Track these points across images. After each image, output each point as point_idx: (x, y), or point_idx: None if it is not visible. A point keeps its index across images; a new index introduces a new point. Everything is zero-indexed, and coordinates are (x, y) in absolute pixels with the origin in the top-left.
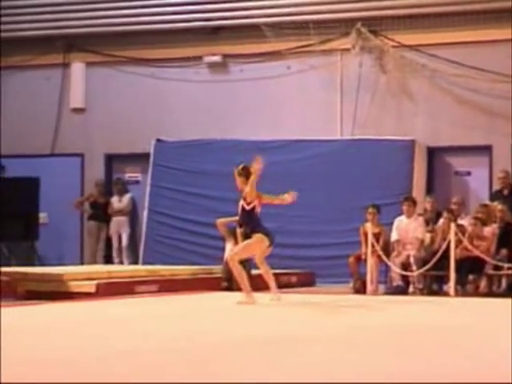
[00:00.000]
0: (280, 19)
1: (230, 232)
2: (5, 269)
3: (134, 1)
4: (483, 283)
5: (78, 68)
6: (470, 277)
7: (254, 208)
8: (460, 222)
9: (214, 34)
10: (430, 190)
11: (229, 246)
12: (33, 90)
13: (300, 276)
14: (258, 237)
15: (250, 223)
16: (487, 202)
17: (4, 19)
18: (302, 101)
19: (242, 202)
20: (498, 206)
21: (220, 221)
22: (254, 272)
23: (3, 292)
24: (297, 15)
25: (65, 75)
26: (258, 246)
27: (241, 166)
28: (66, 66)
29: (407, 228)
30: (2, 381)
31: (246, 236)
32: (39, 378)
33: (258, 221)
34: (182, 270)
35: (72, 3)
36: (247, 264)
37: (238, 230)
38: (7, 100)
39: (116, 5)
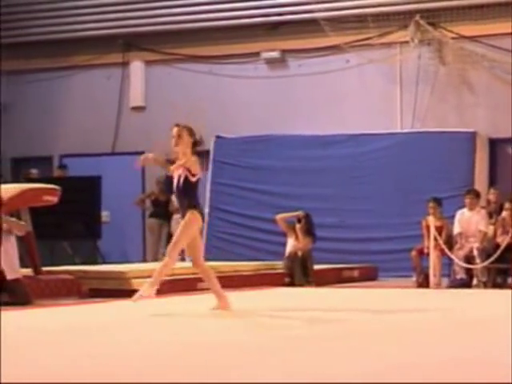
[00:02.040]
0: (339, 13)
1: (290, 227)
2: (68, 267)
3: None
4: None
5: (137, 67)
6: None
7: (198, 181)
8: None
9: (272, 29)
10: (492, 181)
11: (290, 241)
12: (94, 90)
13: (362, 270)
14: (195, 216)
15: (190, 198)
16: None
17: (67, 20)
18: (361, 95)
19: (181, 172)
20: None
21: (280, 216)
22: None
23: (67, 290)
24: (355, 9)
25: (124, 74)
26: (196, 227)
27: (189, 126)
28: (125, 64)
29: (470, 221)
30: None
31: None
32: (112, 373)
33: (197, 196)
34: (244, 266)
35: (131, 2)
36: (309, 258)
37: (297, 226)
38: (69, 100)
39: (174, 3)
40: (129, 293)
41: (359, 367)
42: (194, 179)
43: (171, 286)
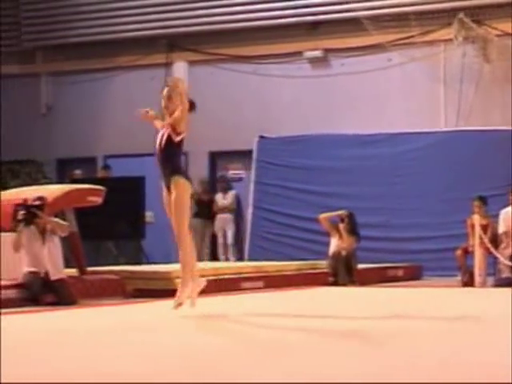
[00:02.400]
0: (381, 11)
1: (333, 226)
2: (113, 267)
3: None
4: None
5: (180, 67)
6: None
7: (182, 141)
8: None
9: (314, 28)
10: None
11: (333, 240)
12: (137, 90)
13: (407, 269)
14: (182, 183)
15: (173, 162)
16: None
17: (110, 21)
18: (404, 93)
19: (164, 131)
20: None
21: (323, 216)
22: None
23: (112, 290)
24: (397, 7)
25: (168, 75)
26: (187, 196)
27: (181, 82)
28: (168, 65)
29: None
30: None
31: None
32: (154, 373)
33: (181, 160)
34: (288, 266)
35: (174, 3)
36: (353, 258)
37: (341, 225)
38: (112, 101)
39: (216, 3)
40: (173, 293)
41: (411, 366)
42: (177, 138)
43: (215, 286)
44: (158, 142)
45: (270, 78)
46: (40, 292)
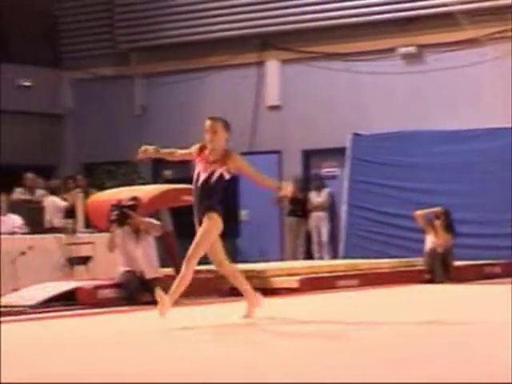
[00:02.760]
0: (475, 5)
1: (429, 223)
2: (209, 266)
3: None
4: None
5: (272, 66)
6: None
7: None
8: None
9: (407, 24)
10: None
11: (429, 237)
12: (230, 90)
13: (504, 266)
14: (216, 219)
15: (215, 199)
16: None
17: (202, 21)
18: (500, 88)
19: (215, 168)
20: None
21: (418, 213)
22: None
23: (208, 289)
24: (492, 0)
25: (260, 73)
26: (215, 233)
27: (224, 119)
28: (260, 64)
29: None
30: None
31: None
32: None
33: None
34: (383, 264)
35: (266, 2)
36: (449, 255)
37: (437, 222)
38: (205, 100)
39: (309, 1)
40: (269, 291)
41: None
42: (227, 177)
43: (311, 284)
44: (201, 176)
45: (363, 74)
46: (137, 291)
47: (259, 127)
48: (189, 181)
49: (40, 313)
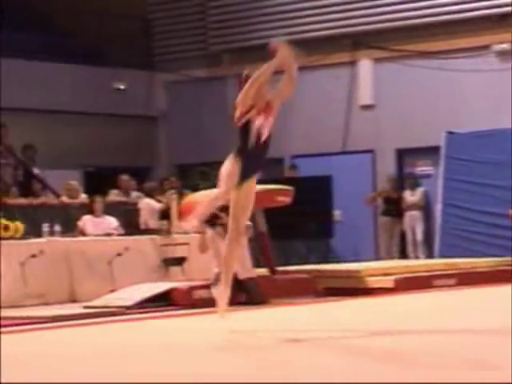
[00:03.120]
0: None
1: None
2: (303, 267)
3: None
4: None
5: (365, 65)
6: None
7: None
8: None
9: (502, 20)
10: None
11: None
12: (322, 90)
13: None
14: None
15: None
16: None
17: (294, 22)
18: None
19: (264, 122)
20: None
21: None
22: None
23: (303, 289)
24: None
25: (352, 73)
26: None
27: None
28: (353, 63)
29: None
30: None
31: None
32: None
33: None
34: (481, 263)
35: (357, 1)
36: None
37: None
38: (298, 101)
39: None
40: (364, 291)
41: None
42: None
43: (407, 284)
44: (256, 135)
45: (456, 72)
46: (232, 291)
47: (352, 127)
48: (279, 181)
49: (137, 313)
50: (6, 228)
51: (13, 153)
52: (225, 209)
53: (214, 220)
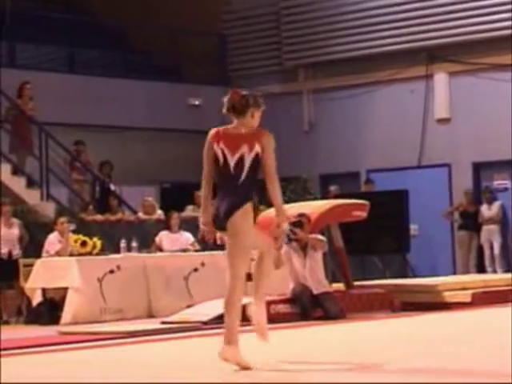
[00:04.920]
0: None
1: None
2: (380, 281)
3: (493, 7)
4: None
5: (441, 78)
6: None
7: None
8: None
9: None
10: None
11: None
12: (398, 104)
13: None
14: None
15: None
16: None
17: (368, 36)
18: None
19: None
20: None
21: None
22: None
23: (380, 304)
24: None
25: (428, 86)
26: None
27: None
28: (428, 77)
29: None
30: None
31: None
32: None
33: None
34: None
35: (432, 15)
36: None
37: None
38: (373, 115)
39: (475, 12)
40: (441, 306)
41: None
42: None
43: (484, 298)
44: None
45: None
46: (309, 306)
47: (428, 140)
48: (356, 196)
49: (214, 328)
50: (84, 244)
51: (90, 170)
52: (301, 224)
53: (288, 236)
